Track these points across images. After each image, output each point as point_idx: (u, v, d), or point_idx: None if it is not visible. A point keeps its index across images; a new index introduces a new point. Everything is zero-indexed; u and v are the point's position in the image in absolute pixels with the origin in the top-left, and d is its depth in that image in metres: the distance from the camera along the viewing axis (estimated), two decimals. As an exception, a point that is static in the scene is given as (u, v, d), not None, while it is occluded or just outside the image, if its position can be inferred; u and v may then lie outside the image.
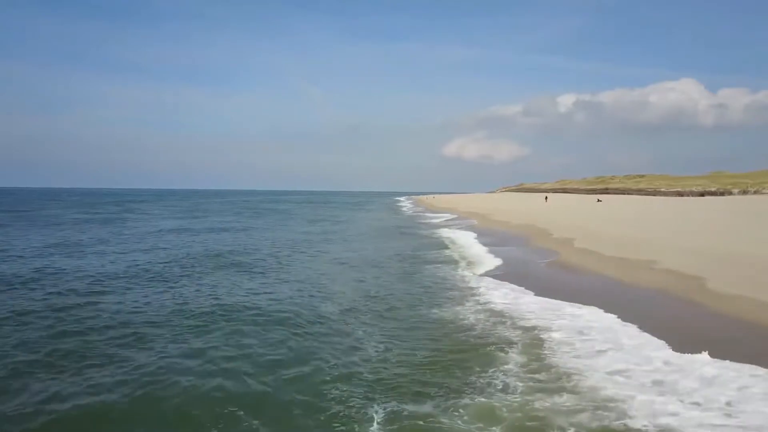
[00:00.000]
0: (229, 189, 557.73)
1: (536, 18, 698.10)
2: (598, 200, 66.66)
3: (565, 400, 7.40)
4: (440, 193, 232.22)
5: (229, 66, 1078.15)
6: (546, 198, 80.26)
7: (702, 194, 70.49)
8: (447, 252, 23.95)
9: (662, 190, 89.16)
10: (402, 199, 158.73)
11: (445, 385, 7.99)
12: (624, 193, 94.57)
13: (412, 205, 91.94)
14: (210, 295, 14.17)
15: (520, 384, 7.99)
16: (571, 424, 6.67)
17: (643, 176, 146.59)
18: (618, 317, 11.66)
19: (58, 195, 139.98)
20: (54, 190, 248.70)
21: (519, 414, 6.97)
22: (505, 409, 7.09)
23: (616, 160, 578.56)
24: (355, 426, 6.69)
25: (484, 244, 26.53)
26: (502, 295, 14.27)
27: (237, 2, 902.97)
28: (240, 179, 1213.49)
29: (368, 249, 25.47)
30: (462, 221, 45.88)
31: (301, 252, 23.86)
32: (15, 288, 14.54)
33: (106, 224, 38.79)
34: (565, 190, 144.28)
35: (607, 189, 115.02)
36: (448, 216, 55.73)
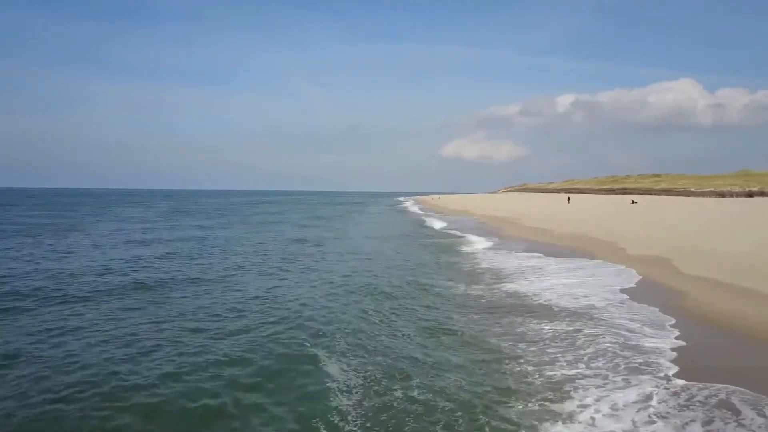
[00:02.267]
0: (229, 189, 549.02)
1: (536, 18, 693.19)
2: (633, 201, 58.91)
3: None
4: (442, 193, 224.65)
5: (229, 66, 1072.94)
6: (569, 199, 72.52)
7: (750, 194, 62.60)
8: (506, 290, 16.00)
9: (692, 189, 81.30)
10: (404, 199, 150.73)
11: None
12: (649, 194, 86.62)
13: (419, 208, 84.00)
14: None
15: None
16: None
17: (659, 175, 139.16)
18: None
19: (48, 196, 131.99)
20: (55, 191, 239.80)
21: None
22: None
23: (615, 160, 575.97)
24: None
25: (559, 273, 18.64)
26: None
27: (237, 2, 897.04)
28: (240, 180, 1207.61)
29: (385, 291, 17.12)
30: (488, 228, 38.00)
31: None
32: None
33: (37, 234, 30.91)
34: (578, 191, 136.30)
35: (625, 189, 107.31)
36: (466, 221, 47.87)
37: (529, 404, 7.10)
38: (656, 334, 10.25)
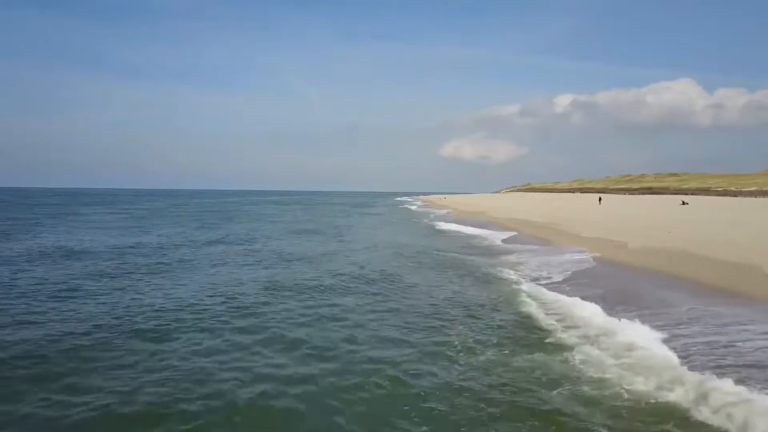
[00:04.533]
0: (230, 189, 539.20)
1: (534, 18, 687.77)
2: (684, 203, 50.64)
3: None
4: (442, 193, 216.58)
5: (228, 67, 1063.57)
6: (600, 199, 64.22)
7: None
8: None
9: (732, 189, 73.04)
10: (407, 199, 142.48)
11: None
12: (683, 193, 78.21)
13: (428, 210, 75.49)
14: None
15: None
16: None
17: (677, 174, 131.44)
18: None
19: (43, 196, 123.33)
20: (56, 191, 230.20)
21: None
22: None
23: (614, 160, 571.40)
24: None
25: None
26: None
27: (237, 2, 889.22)
28: (240, 180, 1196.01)
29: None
30: (533, 239, 29.54)
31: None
32: None
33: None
34: (590, 190, 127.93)
35: (650, 188, 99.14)
36: (495, 229, 39.40)
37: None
38: None
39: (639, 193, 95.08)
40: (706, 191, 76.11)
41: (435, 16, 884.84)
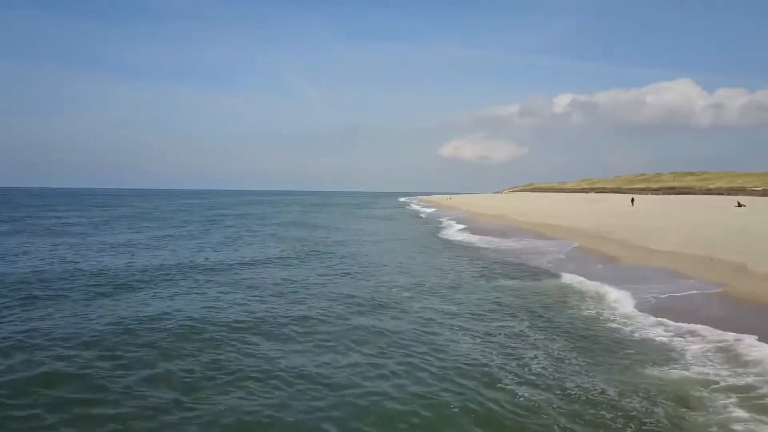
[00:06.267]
0: (230, 189, 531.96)
1: (535, 18, 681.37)
2: (739, 204, 44.06)
3: None
4: (442, 193, 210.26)
5: (228, 67, 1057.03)
6: (632, 201, 57.57)
7: None
8: None
9: (772, 189, 66.40)
10: (410, 200, 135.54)
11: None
12: (718, 194, 71.59)
13: (438, 212, 68.80)
14: None
15: None
16: None
17: (695, 173, 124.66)
18: None
19: (35, 196, 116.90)
20: (57, 191, 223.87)
21: None
22: None
23: (614, 160, 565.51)
24: None
25: None
26: None
27: (237, 2, 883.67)
28: (241, 180, 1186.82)
29: None
30: (593, 253, 22.85)
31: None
32: None
33: None
34: (602, 190, 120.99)
35: (672, 188, 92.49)
36: (526, 237, 32.80)
37: None
38: None
39: (662, 193, 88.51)
40: (741, 191, 69.34)
41: (435, 16, 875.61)
